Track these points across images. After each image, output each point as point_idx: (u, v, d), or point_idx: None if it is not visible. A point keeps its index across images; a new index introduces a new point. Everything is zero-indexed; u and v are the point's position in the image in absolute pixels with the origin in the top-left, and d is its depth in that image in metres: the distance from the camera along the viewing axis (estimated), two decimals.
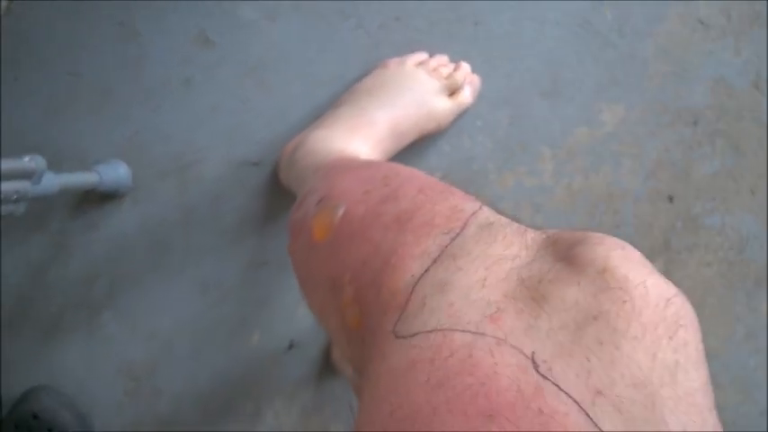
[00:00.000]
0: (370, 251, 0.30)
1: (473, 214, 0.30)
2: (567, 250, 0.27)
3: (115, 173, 0.57)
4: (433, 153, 0.61)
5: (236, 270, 0.63)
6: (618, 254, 0.26)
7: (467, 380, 0.22)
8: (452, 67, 0.59)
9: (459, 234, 0.29)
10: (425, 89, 0.56)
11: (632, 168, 0.63)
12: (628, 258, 0.26)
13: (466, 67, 0.59)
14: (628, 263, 0.25)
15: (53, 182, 0.46)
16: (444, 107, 0.57)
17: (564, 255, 0.26)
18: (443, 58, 0.59)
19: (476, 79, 0.59)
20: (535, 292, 0.25)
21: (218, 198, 0.61)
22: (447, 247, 0.28)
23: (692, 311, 0.25)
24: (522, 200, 0.63)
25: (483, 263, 0.27)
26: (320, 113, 0.58)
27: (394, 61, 0.58)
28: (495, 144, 0.62)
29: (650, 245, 0.64)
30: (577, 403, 0.21)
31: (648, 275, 0.25)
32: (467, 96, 0.58)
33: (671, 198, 0.64)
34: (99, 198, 0.61)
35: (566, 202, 0.63)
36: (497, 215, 0.30)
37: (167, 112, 0.60)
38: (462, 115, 0.60)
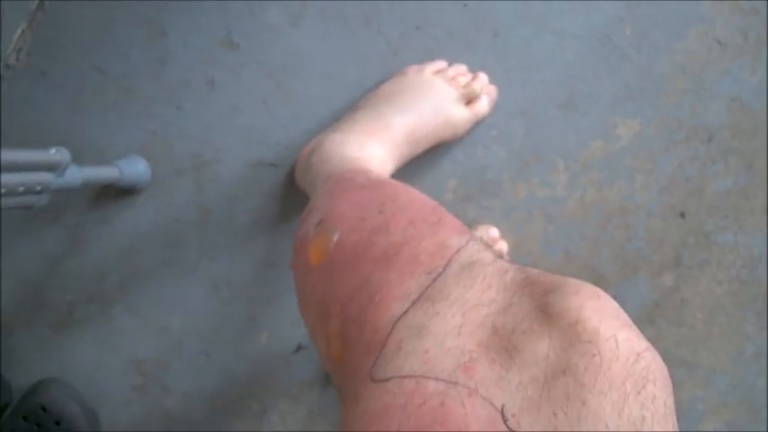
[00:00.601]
0: (357, 285, 0.32)
1: (457, 252, 0.31)
2: (542, 296, 0.27)
3: (135, 169, 0.58)
4: (447, 161, 0.62)
5: (247, 270, 0.63)
6: (592, 305, 0.26)
7: (437, 430, 0.23)
8: (470, 76, 0.60)
9: (441, 274, 0.30)
10: (443, 97, 0.57)
11: (645, 183, 0.63)
12: (601, 310, 0.26)
13: (483, 78, 0.60)
14: (600, 315, 0.26)
15: (76, 175, 0.47)
16: (461, 116, 0.58)
17: (539, 302, 0.27)
18: (462, 67, 0.60)
19: (493, 89, 0.60)
20: (508, 342, 0.26)
21: (234, 198, 0.62)
22: (428, 288, 0.29)
23: (662, 366, 0.26)
24: (535, 210, 0.63)
25: (460, 309, 0.28)
26: (338, 117, 0.59)
27: (413, 68, 0.59)
28: (509, 154, 0.62)
29: (661, 260, 0.64)
30: None
31: (620, 329, 0.26)
32: (483, 106, 0.59)
33: (683, 214, 0.64)
34: (116, 193, 0.62)
35: (578, 214, 0.63)
36: (481, 252, 0.31)
37: (189, 111, 0.60)
38: (478, 124, 0.61)
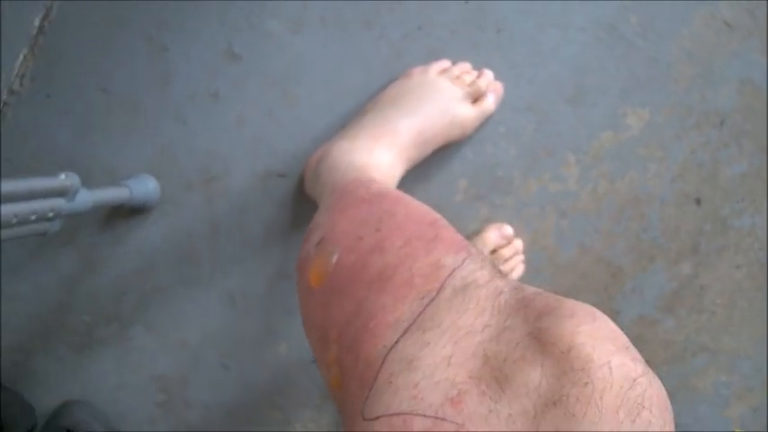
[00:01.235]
0: (353, 310, 0.32)
1: (451, 274, 0.30)
2: (537, 320, 0.27)
3: (145, 188, 0.58)
4: (457, 160, 0.61)
5: (262, 281, 0.63)
6: (586, 329, 0.26)
7: None
8: (475, 74, 0.59)
9: (433, 299, 0.29)
10: (449, 97, 0.56)
11: (658, 172, 0.62)
12: (596, 335, 0.26)
13: (489, 74, 0.59)
14: (594, 340, 0.25)
15: (87, 198, 0.47)
16: (468, 114, 0.57)
17: (533, 326, 0.27)
18: (466, 65, 0.59)
19: (499, 86, 0.59)
20: (500, 372, 0.25)
21: (245, 210, 0.62)
22: (420, 316, 0.29)
23: (660, 390, 0.25)
24: (547, 206, 0.62)
25: (452, 337, 0.27)
26: (345, 123, 0.59)
27: (417, 70, 0.59)
28: (519, 150, 0.62)
29: (678, 249, 0.64)
30: None
31: (615, 354, 0.25)
32: (490, 103, 0.58)
33: (698, 201, 0.63)
34: (127, 212, 0.61)
35: (591, 207, 0.63)
36: (476, 272, 0.31)
37: (195, 125, 0.60)
38: (486, 122, 0.60)
